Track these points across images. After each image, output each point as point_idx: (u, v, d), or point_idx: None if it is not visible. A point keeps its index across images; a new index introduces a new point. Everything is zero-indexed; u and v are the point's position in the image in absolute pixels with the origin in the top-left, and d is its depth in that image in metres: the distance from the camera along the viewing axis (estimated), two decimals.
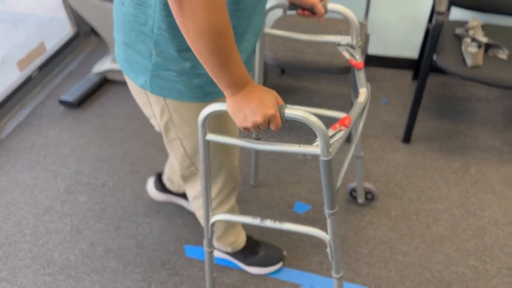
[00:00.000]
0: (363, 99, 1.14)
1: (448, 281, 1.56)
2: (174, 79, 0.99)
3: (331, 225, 1.11)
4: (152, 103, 1.08)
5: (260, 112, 0.87)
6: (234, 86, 0.88)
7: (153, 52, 0.96)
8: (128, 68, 1.04)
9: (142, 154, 2.08)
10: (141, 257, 1.67)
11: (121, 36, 1.00)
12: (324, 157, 0.95)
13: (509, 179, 1.89)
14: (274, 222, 1.17)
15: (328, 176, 1.00)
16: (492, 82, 1.72)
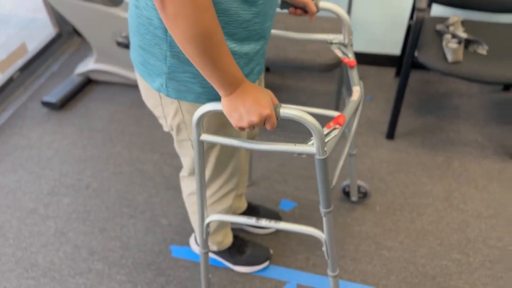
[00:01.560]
0: (356, 97, 1.15)
1: (432, 275, 1.58)
2: (191, 81, 0.98)
3: (326, 224, 1.11)
4: (165, 104, 1.07)
5: (256, 111, 0.87)
6: (227, 86, 0.87)
7: (168, 54, 0.95)
8: (145, 71, 1.03)
9: (126, 154, 2.07)
10: (126, 259, 1.66)
11: (137, 39, 0.99)
12: (320, 156, 0.95)
13: (491, 173, 1.92)
14: (270, 221, 1.17)
15: (324, 175, 1.00)
16: (472, 77, 1.74)
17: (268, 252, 1.61)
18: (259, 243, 1.65)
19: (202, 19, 0.77)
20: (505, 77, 1.75)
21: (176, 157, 2.03)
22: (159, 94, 1.05)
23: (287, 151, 0.96)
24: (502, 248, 1.65)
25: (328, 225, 1.12)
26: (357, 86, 1.19)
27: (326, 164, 0.98)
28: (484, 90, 2.36)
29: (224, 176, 1.29)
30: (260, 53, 1.04)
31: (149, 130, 2.19)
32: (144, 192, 1.89)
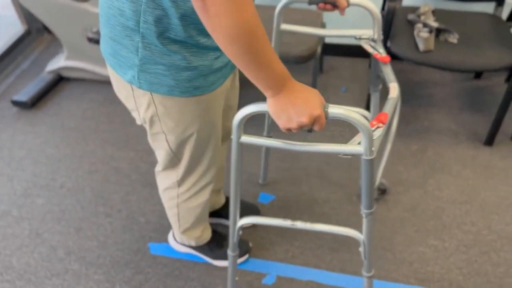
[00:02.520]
0: (395, 94, 1.12)
1: (410, 261, 1.60)
2: (163, 73, 0.96)
3: (367, 225, 1.09)
4: (137, 97, 1.05)
5: (306, 112, 0.84)
6: (275, 86, 0.83)
7: (139, 46, 0.93)
8: (116, 63, 1.01)
9: (100, 152, 2.03)
10: (103, 258, 1.64)
11: (107, 30, 0.97)
12: (367, 156, 0.93)
13: (465, 159, 1.96)
14: (306, 223, 1.14)
15: (370, 176, 0.97)
16: (443, 65, 1.76)
17: (248, 246, 1.61)
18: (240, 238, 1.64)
19: (245, 13, 0.73)
20: (475, 65, 1.79)
21: (152, 154, 2.01)
22: (131, 86, 1.02)
23: (333, 152, 0.93)
24: (476, 232, 1.69)
25: (368, 226, 1.09)
26: (394, 82, 1.15)
27: (373, 165, 0.95)
28: (457, 78, 2.40)
29: (200, 170, 1.27)
30: None
31: (123, 127, 2.15)
32: (120, 190, 1.86)
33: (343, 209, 1.77)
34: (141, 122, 1.15)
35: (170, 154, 1.21)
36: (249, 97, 2.31)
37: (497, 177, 1.88)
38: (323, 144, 0.93)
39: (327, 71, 2.48)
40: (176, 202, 1.38)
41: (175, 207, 1.40)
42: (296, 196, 1.82)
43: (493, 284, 1.53)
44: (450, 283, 1.54)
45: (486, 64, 1.78)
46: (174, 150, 1.18)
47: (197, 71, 0.98)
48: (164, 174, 1.32)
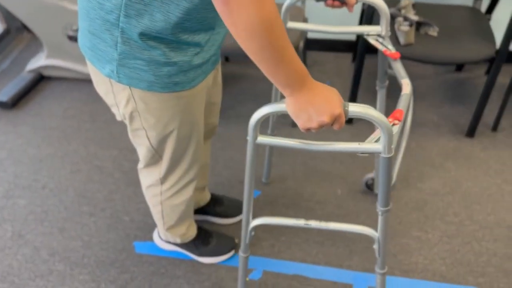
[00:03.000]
0: (408, 91, 1.11)
1: (394, 253, 1.62)
2: (143, 68, 0.95)
3: (382, 223, 1.09)
4: (116, 92, 1.03)
5: (327, 111, 0.82)
6: (294, 84, 0.81)
7: (119, 41, 0.91)
8: (94, 57, 0.99)
9: (83, 151, 2.01)
10: (88, 258, 1.62)
11: (86, 24, 0.95)
12: (386, 154, 0.92)
13: (447, 151, 1.98)
14: (320, 222, 1.13)
15: (387, 174, 0.97)
16: (424, 58, 1.78)
17: (233, 242, 1.61)
18: (223, 233, 1.64)
19: (267, 7, 0.71)
20: (455, 58, 1.81)
21: (135, 152, 1.99)
22: (110, 80, 1.01)
23: (352, 151, 0.92)
24: (458, 223, 1.71)
25: (384, 224, 1.09)
26: (406, 78, 1.14)
27: (391, 163, 0.95)
28: (438, 71, 2.43)
29: (182, 167, 1.27)
30: (212, 43, 1.02)
31: (106, 126, 2.13)
32: (104, 189, 1.85)
33: (328, 203, 1.78)
34: (121, 118, 1.14)
35: (151, 151, 1.20)
36: (233, 94, 2.31)
37: (478, 168, 1.91)
38: (340, 143, 0.92)
39: (311, 66, 2.48)
40: (160, 200, 1.37)
41: (159, 204, 1.39)
42: (281, 191, 1.83)
43: (475, 273, 1.56)
44: (433, 274, 1.56)
45: (466, 57, 1.80)
46: (155, 147, 1.17)
47: (177, 66, 0.97)
48: (147, 172, 1.31)
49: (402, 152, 1.23)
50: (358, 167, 1.92)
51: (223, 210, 1.69)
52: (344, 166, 1.92)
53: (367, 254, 1.61)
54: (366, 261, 1.59)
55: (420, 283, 1.53)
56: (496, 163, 1.93)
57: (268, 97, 2.27)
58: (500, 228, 1.69)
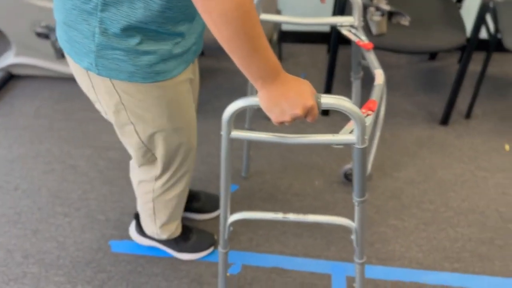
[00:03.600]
0: (381, 81, 1.10)
1: (371, 242, 1.63)
2: (121, 59, 0.92)
3: (359, 213, 1.09)
4: (96, 85, 1.00)
5: (300, 104, 0.81)
6: (266, 76, 0.80)
7: (96, 31, 0.89)
8: (72, 50, 0.96)
9: (56, 151, 1.97)
10: (63, 259, 1.59)
11: (62, 16, 0.92)
12: (360, 145, 0.92)
13: (421, 139, 2.01)
14: (298, 215, 1.13)
15: (362, 164, 0.97)
16: (396, 48, 1.79)
17: (213, 238, 1.60)
18: (202, 229, 1.63)
19: None
20: (427, 47, 1.82)
21: (110, 150, 1.96)
22: (88, 74, 0.98)
23: (326, 143, 0.92)
24: (434, 210, 1.73)
25: (361, 214, 1.10)
26: (379, 69, 1.14)
27: (365, 153, 0.95)
28: (412, 60, 2.45)
29: (177, 160, 1.23)
30: (192, 31, 0.99)
31: (79, 124, 2.09)
32: (78, 189, 1.81)
33: (306, 195, 1.78)
34: (105, 114, 1.10)
35: (142, 147, 1.16)
36: (209, 88, 2.29)
37: (452, 155, 1.94)
38: (315, 135, 0.92)
39: (286, 58, 2.48)
40: (152, 197, 1.34)
41: (150, 201, 1.36)
42: (258, 185, 1.82)
43: (451, 259, 1.58)
44: (410, 261, 1.58)
45: (437, 46, 1.82)
46: (145, 142, 1.14)
47: (157, 55, 0.95)
48: (144, 169, 1.28)
49: (377, 142, 1.24)
50: (335, 159, 1.92)
51: (200, 206, 1.68)
52: (321, 158, 1.93)
53: (344, 244, 1.62)
54: (343, 251, 1.60)
55: (398, 270, 1.55)
56: (469, 150, 1.96)
57: (244, 91, 2.26)
58: (474, 214, 1.72)
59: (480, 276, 1.54)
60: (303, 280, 1.53)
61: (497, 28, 1.87)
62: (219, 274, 1.36)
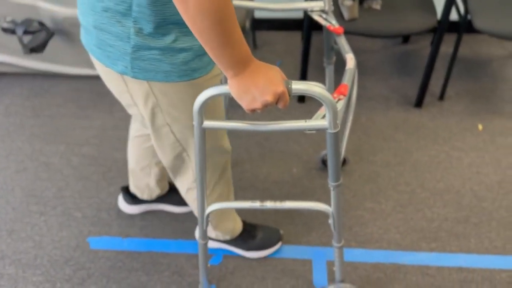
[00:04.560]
0: (352, 65, 1.11)
1: (349, 226, 1.65)
2: (158, 58, 0.90)
3: (335, 197, 1.11)
4: (132, 90, 0.98)
5: (270, 90, 0.82)
6: (237, 66, 0.80)
7: (131, 32, 0.86)
8: (103, 54, 0.93)
9: (28, 149, 1.93)
10: (41, 258, 1.57)
11: (92, 19, 0.89)
12: (332, 129, 0.93)
13: (396, 122, 2.03)
14: (275, 202, 1.14)
15: (335, 149, 0.98)
16: (368, 32, 1.80)
17: (279, 233, 1.57)
18: (267, 225, 1.60)
19: None
20: (398, 30, 1.83)
21: (84, 145, 1.93)
22: (123, 78, 0.95)
23: (299, 129, 0.92)
24: (410, 192, 1.76)
25: (336, 199, 1.11)
26: (350, 53, 1.15)
27: (338, 138, 0.96)
28: (386, 44, 2.46)
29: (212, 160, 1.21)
30: None
31: (51, 120, 2.05)
32: (53, 187, 1.78)
33: (284, 183, 1.79)
34: (141, 118, 1.07)
35: (178, 147, 1.14)
36: None
37: (427, 137, 1.97)
38: (287, 122, 0.92)
39: (261, 46, 2.46)
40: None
41: None
42: (238, 174, 1.82)
43: (428, 239, 1.61)
44: (388, 242, 1.60)
45: (409, 28, 1.83)
46: (181, 141, 1.12)
47: (192, 51, 0.93)
48: (182, 176, 1.26)
49: (349, 126, 1.25)
50: (313, 145, 1.93)
51: (180, 198, 1.67)
52: (298, 145, 1.93)
53: (324, 229, 1.64)
54: (323, 236, 1.62)
55: (376, 252, 1.57)
56: (444, 131, 1.99)
57: None
58: (449, 194, 1.75)
59: (457, 254, 1.57)
60: (284, 267, 1.54)
61: (467, 9, 1.89)
62: (200, 265, 1.36)
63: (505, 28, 1.82)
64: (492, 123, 2.02)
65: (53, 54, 2.13)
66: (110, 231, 1.64)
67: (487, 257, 1.56)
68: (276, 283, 1.50)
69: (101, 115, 2.06)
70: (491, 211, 1.69)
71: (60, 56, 2.13)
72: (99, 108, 2.10)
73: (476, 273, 1.52)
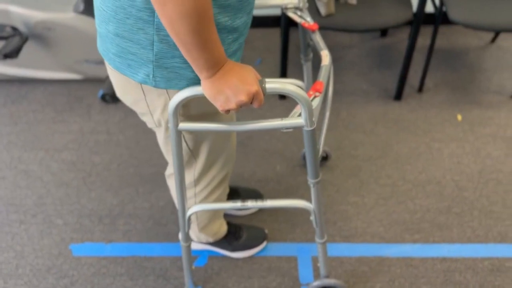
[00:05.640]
0: (327, 62, 1.10)
1: (333, 221, 1.66)
2: (181, 66, 0.88)
3: (315, 194, 1.12)
4: (151, 99, 0.96)
5: (244, 90, 0.82)
6: (212, 68, 0.80)
7: (155, 39, 0.84)
8: (123, 63, 0.90)
9: (6, 157, 1.89)
10: (23, 268, 1.54)
11: (112, 27, 0.86)
12: (308, 127, 0.93)
13: (377, 116, 2.04)
14: (256, 201, 1.15)
15: (313, 146, 0.98)
16: (346, 27, 1.80)
17: (264, 232, 1.58)
18: (251, 225, 1.60)
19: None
20: (375, 24, 1.84)
21: (63, 151, 1.90)
22: (142, 87, 0.93)
23: (275, 128, 0.92)
24: (392, 184, 1.77)
25: (317, 195, 1.12)
26: (325, 50, 1.14)
27: (315, 135, 0.96)
28: (364, 38, 2.47)
29: (218, 164, 1.20)
30: (246, 24, 0.95)
31: (29, 127, 2.01)
32: (33, 194, 1.75)
33: (269, 181, 1.79)
34: (155, 125, 1.05)
35: (188, 154, 1.12)
36: None
37: (407, 130, 1.98)
38: (264, 121, 0.92)
39: None
40: (194, 202, 1.30)
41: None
42: None
43: (411, 231, 1.63)
44: (372, 236, 1.61)
45: (385, 22, 1.83)
46: (191, 148, 1.10)
47: None
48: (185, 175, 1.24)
49: (327, 123, 1.24)
50: (295, 142, 1.93)
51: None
52: (281, 142, 1.93)
53: (308, 225, 1.64)
54: (308, 232, 1.62)
55: (361, 246, 1.58)
56: (423, 123, 2.01)
57: None
58: (431, 185, 1.77)
59: (440, 244, 1.59)
60: (270, 265, 1.54)
61: (442, 1, 1.90)
62: (184, 268, 1.35)
63: (479, 19, 1.84)
64: (471, 113, 2.05)
65: (28, 59, 2.09)
66: (92, 237, 1.62)
67: (470, 246, 1.58)
68: (263, 281, 1.50)
69: (79, 119, 2.03)
70: (472, 200, 1.71)
71: (36, 60, 2.10)
72: (77, 112, 2.07)
73: (459, 262, 1.54)
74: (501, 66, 2.29)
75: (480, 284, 1.48)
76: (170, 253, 1.57)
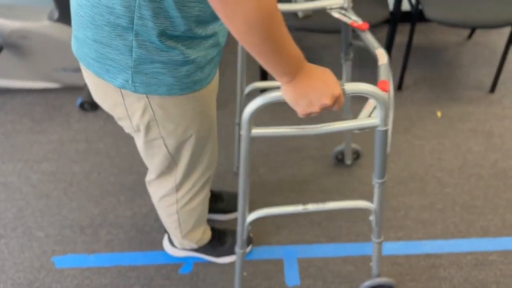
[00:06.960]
0: (385, 60, 1.09)
1: (318, 222, 1.66)
2: (161, 72, 0.88)
3: (378, 194, 1.11)
4: (129, 103, 0.95)
5: (328, 93, 0.82)
6: (291, 71, 0.80)
7: (134, 45, 0.83)
8: (102, 68, 0.89)
9: None
10: (4, 283, 1.51)
11: (90, 33, 0.85)
12: (383, 127, 0.93)
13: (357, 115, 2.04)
14: (317, 204, 1.14)
15: (383, 146, 0.98)
16: (324, 29, 1.81)
17: (249, 236, 1.56)
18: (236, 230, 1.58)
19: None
20: None
21: (42, 162, 1.86)
22: (121, 92, 0.92)
23: (350, 129, 0.92)
24: None
25: (380, 195, 1.12)
26: (380, 48, 1.13)
27: (387, 135, 0.97)
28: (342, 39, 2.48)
29: (200, 169, 1.19)
30: (224, 31, 0.96)
31: (7, 138, 1.97)
32: (12, 207, 1.71)
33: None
34: (133, 130, 1.04)
35: (168, 159, 1.11)
36: None
37: None
38: (337, 123, 0.92)
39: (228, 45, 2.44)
40: (176, 208, 1.29)
41: (175, 213, 1.31)
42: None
43: (395, 228, 1.64)
44: (357, 235, 1.62)
45: None
46: (172, 154, 1.10)
47: (195, 64, 0.91)
48: (159, 182, 1.23)
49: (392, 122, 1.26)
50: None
51: (224, 206, 1.64)
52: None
53: (293, 225, 1.64)
54: (293, 234, 1.62)
55: (346, 245, 1.59)
56: (404, 120, 2.03)
57: None
58: (414, 182, 1.78)
59: (424, 241, 1.60)
60: (256, 268, 1.53)
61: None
62: (236, 274, 1.35)
63: (454, 16, 1.87)
64: (450, 109, 2.07)
65: (4, 69, 2.05)
66: (75, 249, 1.59)
67: (453, 241, 1.60)
68: (249, 285, 1.49)
69: (58, 129, 2.00)
70: (454, 196, 1.73)
71: (12, 70, 2.06)
72: (56, 121, 2.04)
73: (443, 258, 1.55)
74: (479, 62, 2.32)
75: (465, 279, 1.50)
76: (155, 261, 1.55)
